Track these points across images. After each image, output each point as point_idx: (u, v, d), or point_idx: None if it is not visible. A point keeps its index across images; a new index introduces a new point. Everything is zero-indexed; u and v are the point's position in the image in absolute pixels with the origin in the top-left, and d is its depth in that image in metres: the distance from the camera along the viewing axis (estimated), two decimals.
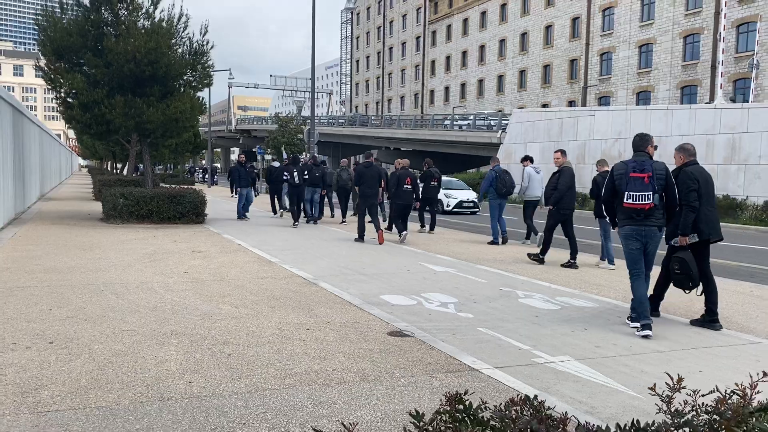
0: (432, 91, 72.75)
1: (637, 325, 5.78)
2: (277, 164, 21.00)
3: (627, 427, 1.79)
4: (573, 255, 10.15)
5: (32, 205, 20.33)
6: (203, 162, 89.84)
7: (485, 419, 1.69)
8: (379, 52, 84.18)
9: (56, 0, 15.81)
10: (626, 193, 5.79)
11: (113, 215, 14.99)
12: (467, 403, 1.70)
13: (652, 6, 46.15)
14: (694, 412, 2.05)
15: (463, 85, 67.73)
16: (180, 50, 15.75)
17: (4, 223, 13.80)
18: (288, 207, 18.03)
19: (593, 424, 1.78)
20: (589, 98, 50.82)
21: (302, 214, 16.43)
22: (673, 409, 1.98)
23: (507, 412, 1.69)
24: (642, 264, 5.97)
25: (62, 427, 3.39)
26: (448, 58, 69.33)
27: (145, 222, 14.86)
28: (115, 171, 39.34)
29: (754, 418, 1.96)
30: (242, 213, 17.70)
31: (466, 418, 1.66)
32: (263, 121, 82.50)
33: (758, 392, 1.94)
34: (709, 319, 6.12)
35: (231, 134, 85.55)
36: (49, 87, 16.25)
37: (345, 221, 17.20)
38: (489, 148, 36.70)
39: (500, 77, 62.70)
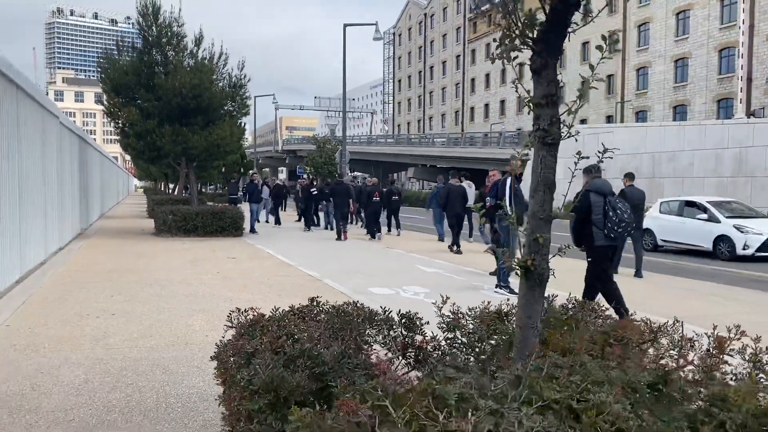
0: (472, 108, 74.17)
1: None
2: (280, 181, 24.29)
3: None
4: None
5: (94, 222, 22.81)
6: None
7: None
8: (420, 72, 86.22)
9: (115, 43, 18.27)
10: None
11: (163, 229, 17.14)
12: (318, 300, 3.41)
13: (687, 21, 46.71)
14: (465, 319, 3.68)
15: (502, 102, 68.94)
16: (220, 84, 17.96)
17: (72, 237, 16.05)
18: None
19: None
20: (627, 113, 51.39)
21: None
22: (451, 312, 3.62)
23: (341, 306, 3.38)
24: None
25: (121, 357, 5.22)
26: (487, 75, 70.65)
27: (191, 235, 16.93)
28: (167, 191, 42.22)
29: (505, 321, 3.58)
30: (253, 227, 19.04)
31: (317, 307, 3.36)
32: (307, 141, 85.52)
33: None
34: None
35: (278, 154, 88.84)
36: (109, 119, 18.67)
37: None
38: None
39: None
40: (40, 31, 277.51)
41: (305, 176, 31.78)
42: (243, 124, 22.51)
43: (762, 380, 2.51)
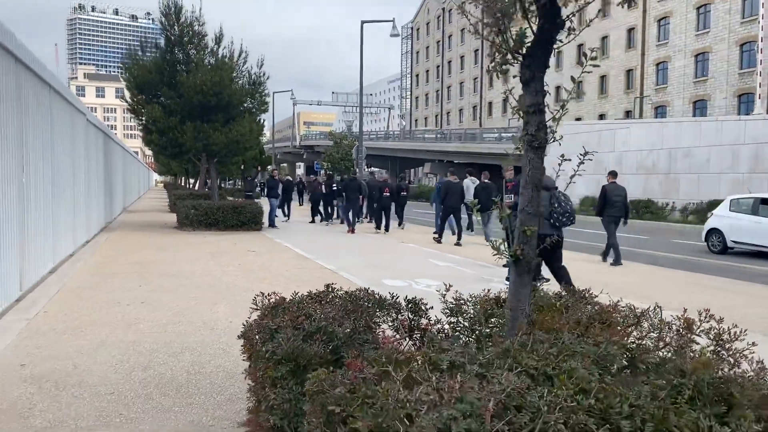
0: (490, 103, 74.10)
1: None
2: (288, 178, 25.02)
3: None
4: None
5: (117, 216, 23.43)
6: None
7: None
8: (438, 66, 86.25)
9: (138, 41, 18.81)
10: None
11: (185, 223, 17.66)
12: (333, 286, 3.79)
13: (707, 15, 46.38)
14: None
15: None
16: (240, 82, 18.41)
17: (98, 230, 16.62)
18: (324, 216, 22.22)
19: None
20: (646, 108, 51.18)
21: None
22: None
23: (354, 292, 3.76)
24: None
25: (152, 341, 5.65)
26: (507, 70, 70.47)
27: (212, 229, 17.43)
28: (187, 186, 42.93)
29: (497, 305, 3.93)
30: (272, 221, 19.58)
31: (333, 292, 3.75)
32: (325, 137, 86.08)
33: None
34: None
35: (296, 150, 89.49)
36: (132, 116, 19.22)
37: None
38: None
39: (557, 88, 63.56)
40: (62, 26, 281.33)
41: (322, 172, 32.37)
42: (262, 121, 23.00)
43: (722, 355, 2.85)
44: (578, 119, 56.42)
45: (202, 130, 17.17)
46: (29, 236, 8.08)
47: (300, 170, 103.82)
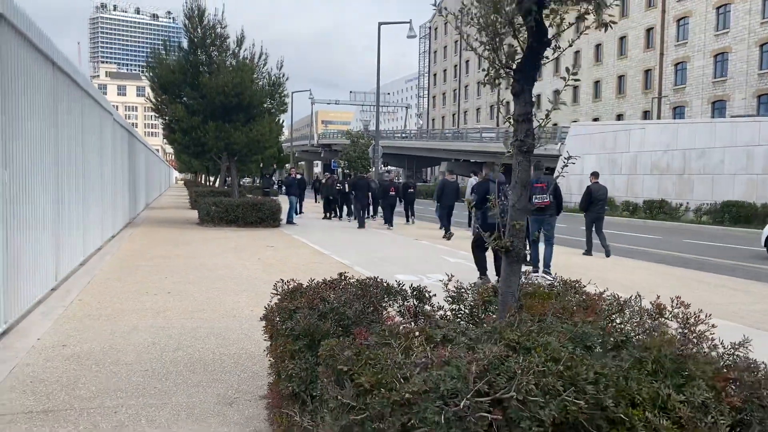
0: (507, 103, 73.79)
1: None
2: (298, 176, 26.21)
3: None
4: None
5: (140, 212, 24.09)
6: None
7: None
8: (456, 65, 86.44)
9: (161, 41, 19.40)
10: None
11: (206, 220, 18.22)
12: (346, 275, 4.21)
13: (727, 15, 46.23)
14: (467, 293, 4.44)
15: (538, 96, 68.91)
16: (260, 83, 18.94)
17: (123, 226, 17.22)
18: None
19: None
20: (664, 108, 51.05)
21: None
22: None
23: (364, 280, 4.18)
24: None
25: (179, 326, 6.12)
26: None
27: (232, 225, 17.97)
28: (207, 183, 43.69)
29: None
30: (291, 218, 20.24)
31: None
32: (342, 135, 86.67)
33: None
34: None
35: (313, 148, 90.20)
36: (156, 114, 19.83)
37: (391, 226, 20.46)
38: (549, 159, 38.33)
39: (575, 88, 63.53)
40: (85, 25, 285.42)
41: (339, 170, 33.04)
42: (281, 120, 23.53)
43: (688, 336, 3.23)
44: (596, 119, 56.41)
45: (223, 129, 17.71)
46: (63, 231, 8.61)
47: (317, 168, 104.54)
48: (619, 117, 55.81)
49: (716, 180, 24.76)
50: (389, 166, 61.34)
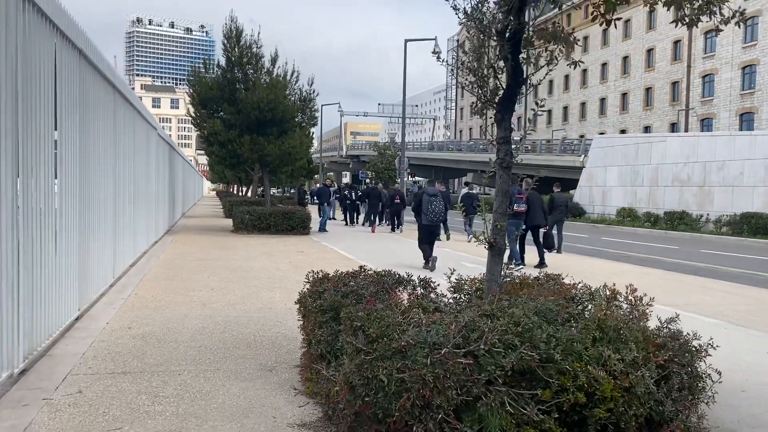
0: (535, 115, 74.52)
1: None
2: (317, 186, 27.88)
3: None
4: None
5: (178, 220, 25.39)
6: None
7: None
8: None
9: (201, 60, 20.67)
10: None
11: (241, 227, 19.35)
12: (366, 266, 5.13)
13: (755, 27, 46.37)
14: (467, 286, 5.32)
15: (565, 108, 69.29)
16: (293, 99, 20.09)
17: (163, 232, 18.43)
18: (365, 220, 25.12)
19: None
20: (691, 121, 51.09)
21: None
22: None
23: (380, 272, 5.10)
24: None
25: (224, 315, 7.11)
26: (550, 81, 70.96)
27: (264, 233, 19.06)
28: (240, 193, 45.14)
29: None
30: (323, 226, 21.44)
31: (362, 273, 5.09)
32: (370, 147, 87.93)
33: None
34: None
35: (342, 159, 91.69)
36: (194, 127, 21.09)
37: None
38: (573, 171, 38.88)
39: (602, 100, 63.82)
40: (121, 39, 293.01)
41: (366, 180, 34.41)
42: (311, 133, 24.70)
43: (635, 313, 4.08)
44: (623, 131, 56.69)
45: (257, 142, 18.87)
46: (119, 234, 9.71)
47: (346, 179, 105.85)
48: (647, 129, 55.96)
49: (736, 192, 25.15)
50: (416, 176, 62.27)
